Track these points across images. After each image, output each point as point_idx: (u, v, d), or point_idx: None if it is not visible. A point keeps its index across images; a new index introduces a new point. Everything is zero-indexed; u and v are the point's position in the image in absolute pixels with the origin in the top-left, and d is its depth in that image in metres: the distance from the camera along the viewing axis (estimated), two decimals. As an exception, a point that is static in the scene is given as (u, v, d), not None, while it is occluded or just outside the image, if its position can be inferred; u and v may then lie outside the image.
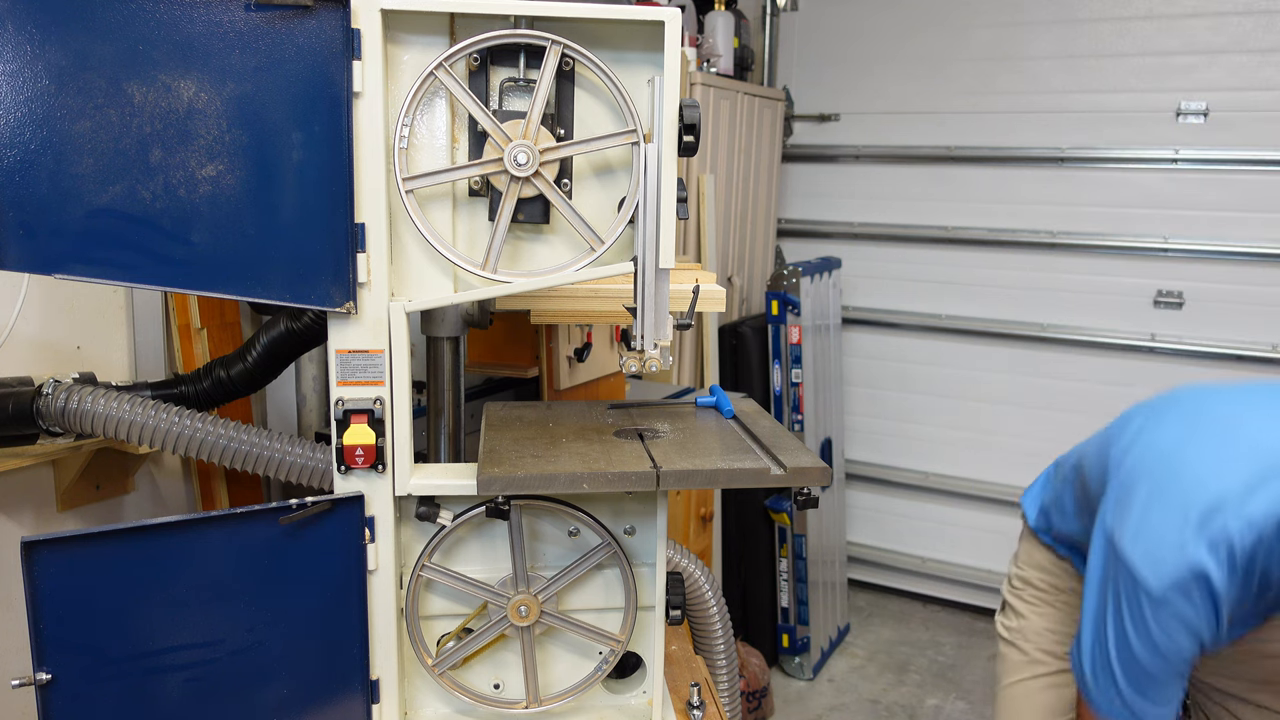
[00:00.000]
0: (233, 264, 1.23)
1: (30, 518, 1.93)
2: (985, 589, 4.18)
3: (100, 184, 1.18)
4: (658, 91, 1.22)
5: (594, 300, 1.81)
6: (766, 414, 1.59)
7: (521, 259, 1.33)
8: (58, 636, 1.20)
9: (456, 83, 1.21)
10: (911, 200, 4.15)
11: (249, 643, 1.30)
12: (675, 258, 1.27)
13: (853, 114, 4.25)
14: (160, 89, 1.18)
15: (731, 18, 3.81)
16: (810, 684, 3.69)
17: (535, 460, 1.30)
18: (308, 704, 1.34)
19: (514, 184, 1.24)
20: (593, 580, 1.42)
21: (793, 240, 4.43)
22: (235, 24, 1.17)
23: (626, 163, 1.29)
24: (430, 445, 1.57)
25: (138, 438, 1.52)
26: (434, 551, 1.36)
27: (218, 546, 1.27)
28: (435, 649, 1.40)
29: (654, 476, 1.26)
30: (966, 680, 3.71)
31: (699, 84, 3.39)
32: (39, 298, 1.92)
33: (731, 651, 1.91)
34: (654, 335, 1.29)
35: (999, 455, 4.04)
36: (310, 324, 1.75)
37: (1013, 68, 3.86)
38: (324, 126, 1.21)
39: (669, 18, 1.22)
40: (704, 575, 1.82)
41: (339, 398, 1.29)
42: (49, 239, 1.18)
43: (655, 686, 1.46)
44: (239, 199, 1.21)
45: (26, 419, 1.57)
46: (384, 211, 1.25)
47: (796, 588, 3.69)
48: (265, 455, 1.54)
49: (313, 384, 2.27)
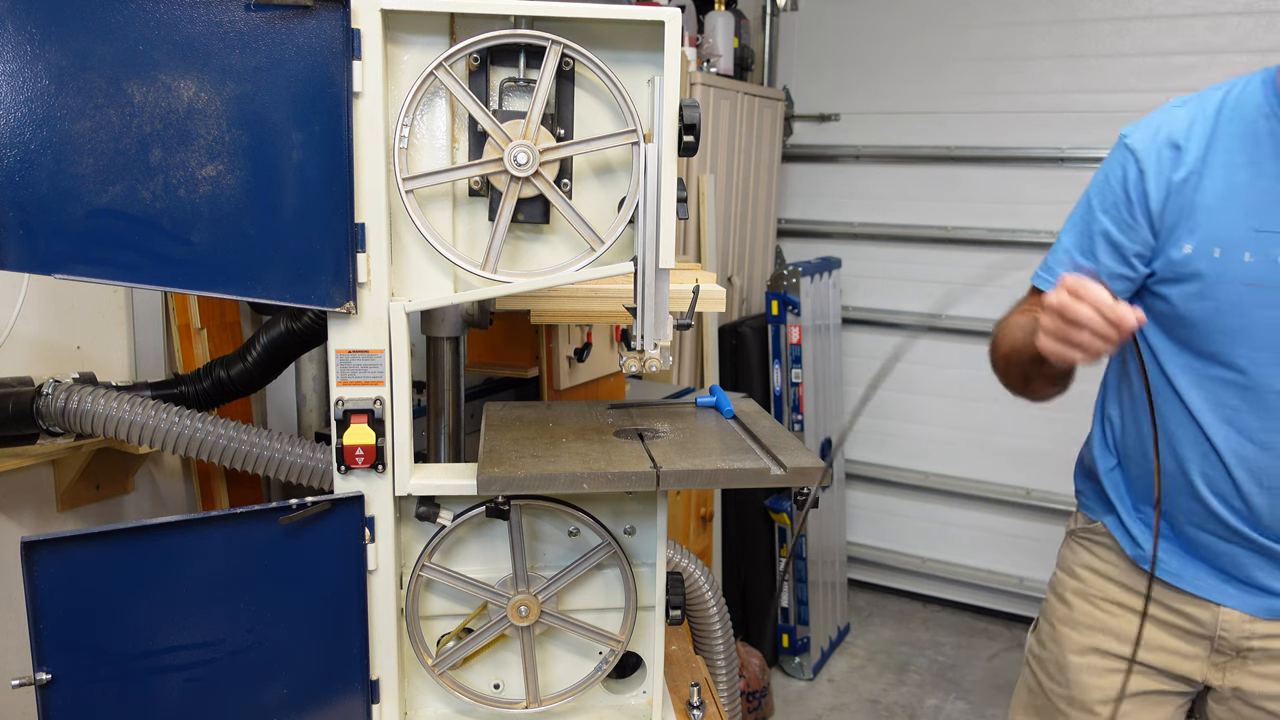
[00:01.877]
0: (233, 264, 1.23)
1: (30, 518, 1.93)
2: (985, 589, 4.18)
3: (100, 184, 1.18)
4: (658, 91, 1.22)
5: (594, 300, 1.81)
6: (766, 414, 1.59)
7: (521, 259, 1.33)
8: (58, 636, 1.20)
9: (456, 83, 1.21)
10: (911, 200, 4.15)
11: (249, 643, 1.30)
12: (675, 258, 1.27)
13: (853, 114, 4.25)
14: (160, 89, 1.18)
15: (731, 18, 3.81)
16: (810, 684, 3.69)
17: (535, 460, 1.30)
18: (308, 704, 1.34)
19: (514, 184, 1.24)
20: (593, 580, 1.42)
21: (793, 240, 4.42)
22: (235, 24, 1.17)
23: (626, 163, 1.29)
24: (430, 445, 1.57)
25: (138, 438, 1.52)
26: (434, 551, 1.36)
27: (218, 546, 1.27)
28: (435, 649, 1.40)
29: (654, 476, 1.26)
30: (966, 680, 3.71)
31: (699, 84, 3.39)
32: (39, 298, 1.92)
33: (731, 651, 1.91)
34: (654, 335, 1.29)
35: (999, 455, 4.04)
36: (310, 324, 1.75)
37: (1013, 68, 3.86)
38: (324, 126, 1.21)
39: (669, 18, 1.22)
40: (704, 575, 1.82)
41: (339, 398, 1.29)
42: (49, 239, 1.18)
43: (655, 686, 1.46)
44: (239, 199, 1.21)
45: (26, 419, 1.57)
46: (384, 211, 1.25)
47: (796, 588, 3.69)
48: (265, 455, 1.54)
49: (313, 384, 2.27)
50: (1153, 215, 1.41)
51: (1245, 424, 1.40)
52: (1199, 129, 1.39)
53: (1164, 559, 1.53)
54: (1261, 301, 1.35)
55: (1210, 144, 1.38)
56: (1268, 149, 1.34)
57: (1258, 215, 1.34)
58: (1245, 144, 1.36)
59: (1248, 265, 1.35)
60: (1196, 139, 1.39)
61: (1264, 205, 1.34)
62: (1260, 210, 1.34)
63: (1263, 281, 1.34)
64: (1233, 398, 1.41)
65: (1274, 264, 1.33)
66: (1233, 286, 1.36)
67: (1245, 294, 1.35)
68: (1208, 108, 1.40)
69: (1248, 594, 1.48)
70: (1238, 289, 1.35)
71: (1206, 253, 1.37)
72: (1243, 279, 1.35)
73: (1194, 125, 1.40)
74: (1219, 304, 1.37)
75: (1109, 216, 1.45)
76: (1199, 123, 1.40)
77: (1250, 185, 1.35)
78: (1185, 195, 1.38)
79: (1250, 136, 1.35)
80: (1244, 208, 1.35)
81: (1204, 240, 1.37)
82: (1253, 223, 1.34)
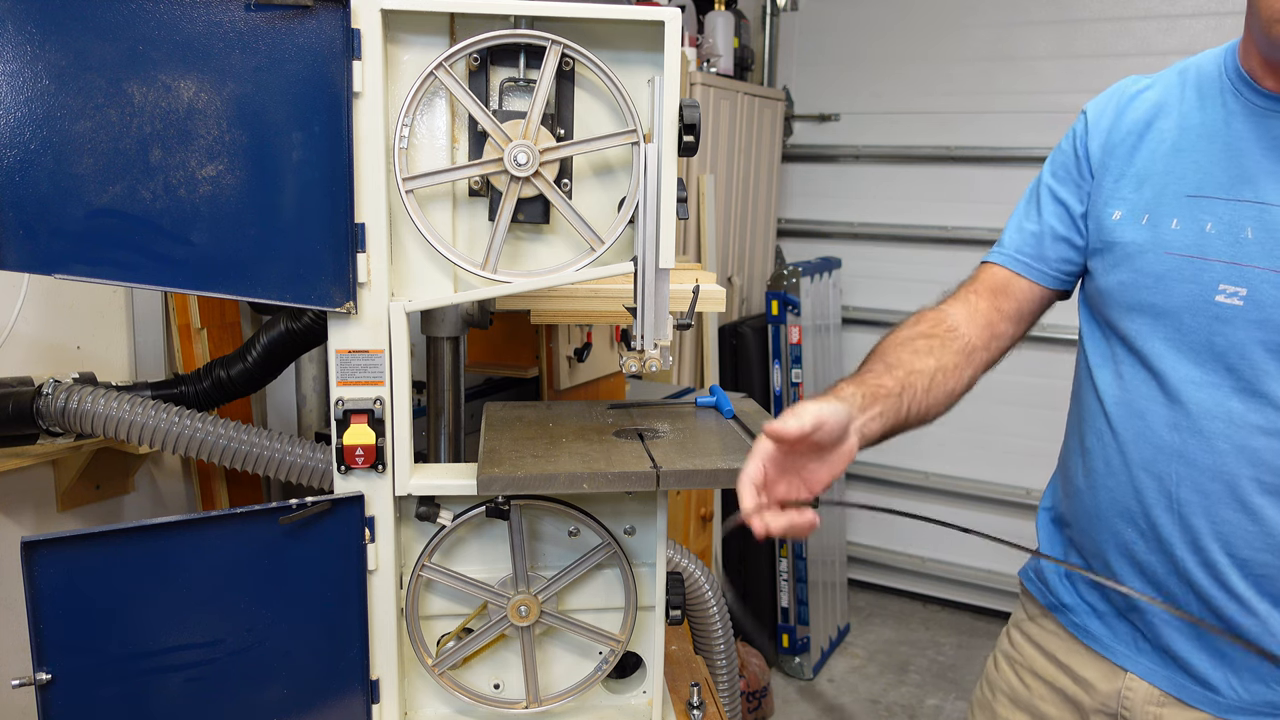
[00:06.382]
0: (233, 264, 1.23)
1: (30, 518, 1.93)
2: (985, 589, 4.19)
3: (100, 184, 1.18)
4: (658, 91, 1.22)
5: (594, 300, 1.81)
6: (767, 414, 1.59)
7: (521, 259, 1.33)
8: (58, 636, 1.20)
9: (456, 83, 1.21)
10: (911, 200, 4.15)
11: (249, 643, 1.30)
12: (675, 258, 1.26)
13: (853, 114, 4.25)
14: (160, 89, 1.18)
15: (731, 18, 3.81)
16: (810, 684, 3.69)
17: (535, 460, 1.30)
18: (308, 704, 1.34)
19: (514, 184, 1.24)
20: (593, 580, 1.42)
21: (793, 240, 4.43)
22: (235, 24, 1.17)
23: (626, 163, 1.29)
24: (430, 445, 1.57)
25: (138, 438, 1.52)
26: (434, 551, 1.36)
27: (218, 546, 1.27)
28: (435, 649, 1.40)
29: (654, 476, 1.26)
30: (966, 680, 3.71)
31: (699, 84, 3.39)
32: (39, 298, 1.92)
33: (731, 651, 1.91)
34: (654, 335, 1.29)
35: (999, 455, 4.04)
36: (310, 324, 1.75)
37: (1013, 68, 3.86)
38: (324, 126, 1.21)
39: (669, 18, 1.22)
40: (704, 575, 1.82)
41: (339, 398, 1.29)
42: (49, 239, 1.18)
43: (655, 686, 1.46)
44: (239, 199, 1.21)
45: (26, 419, 1.57)
46: (384, 211, 1.25)
47: (796, 588, 3.69)
48: (265, 455, 1.54)
49: (313, 384, 2.27)
50: (1094, 171, 1.33)
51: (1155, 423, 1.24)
52: (1152, 94, 1.31)
53: (1074, 610, 1.39)
54: (1184, 274, 1.21)
55: (1161, 107, 1.29)
56: (1216, 112, 1.24)
57: (1192, 180, 1.23)
58: (1197, 108, 1.26)
59: (1174, 233, 1.22)
60: (1147, 103, 1.31)
61: (1200, 168, 1.23)
62: (1195, 174, 1.23)
63: (1187, 250, 1.21)
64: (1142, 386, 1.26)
65: (1201, 231, 1.20)
66: (1157, 256, 1.23)
67: (1169, 265, 1.22)
68: (1170, 74, 1.32)
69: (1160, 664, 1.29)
70: (1161, 259, 1.23)
71: (1134, 218, 1.26)
72: (1167, 247, 1.23)
73: (1150, 89, 1.32)
74: (1139, 277, 1.25)
75: (1056, 177, 1.37)
76: (1156, 87, 1.31)
77: (1191, 147, 1.24)
78: (1123, 154, 1.30)
79: (1203, 99, 1.26)
80: (1179, 171, 1.24)
81: (1135, 204, 1.27)
82: (1186, 187, 1.23)
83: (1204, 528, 1.20)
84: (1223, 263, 1.18)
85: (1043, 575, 1.45)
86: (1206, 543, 1.20)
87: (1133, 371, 1.27)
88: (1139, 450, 1.25)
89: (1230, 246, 1.18)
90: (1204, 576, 1.21)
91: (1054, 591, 1.42)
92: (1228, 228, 1.18)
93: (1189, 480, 1.21)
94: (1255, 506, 1.17)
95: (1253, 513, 1.18)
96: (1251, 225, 1.17)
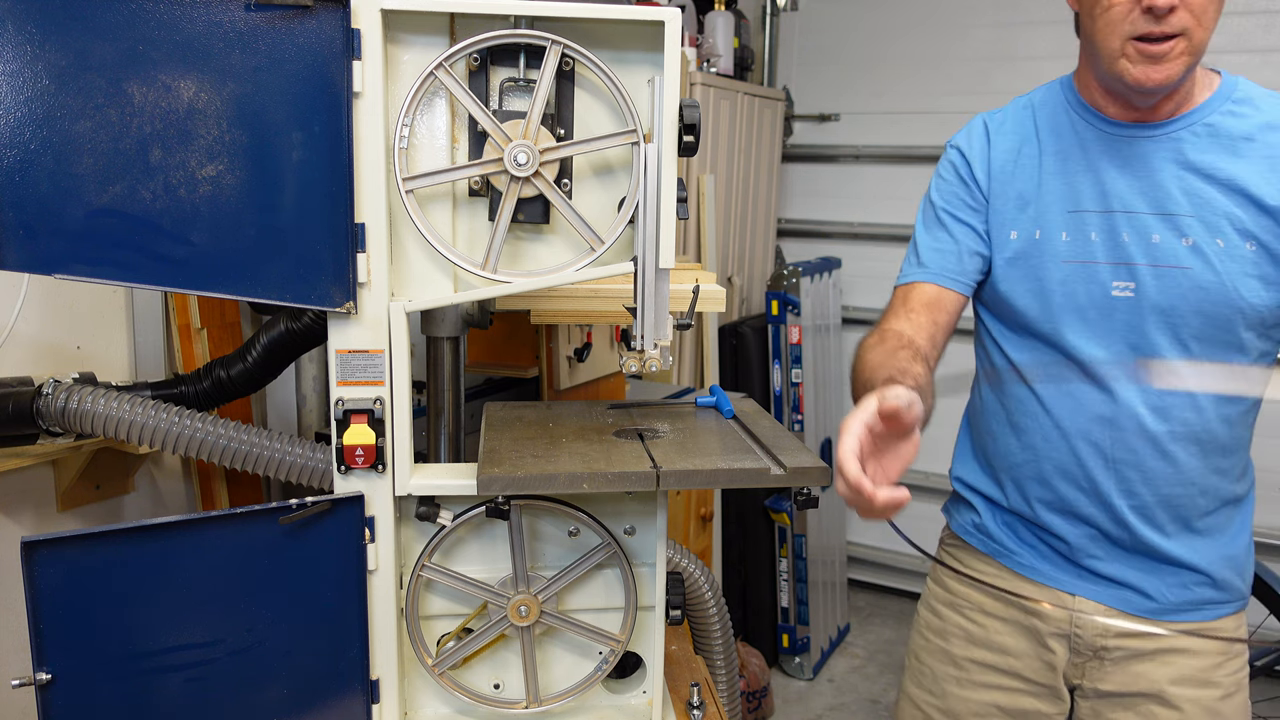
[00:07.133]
0: (232, 264, 1.23)
1: (30, 518, 1.93)
2: (985, 589, 4.17)
3: (100, 184, 1.18)
4: (658, 91, 1.22)
5: (594, 300, 1.81)
6: (766, 414, 1.59)
7: (521, 259, 1.33)
8: (58, 636, 1.20)
9: (456, 83, 1.22)
10: (912, 200, 4.11)
11: (249, 642, 1.30)
12: (675, 258, 1.27)
13: (853, 114, 4.25)
14: (160, 89, 1.18)
15: (731, 18, 3.81)
16: (810, 684, 3.69)
17: (535, 460, 1.30)
18: (308, 704, 1.34)
19: (514, 184, 1.24)
20: (593, 580, 1.42)
21: (793, 240, 4.42)
22: (235, 24, 1.17)
23: (626, 163, 1.29)
24: (430, 445, 1.57)
25: (138, 438, 1.52)
26: (434, 551, 1.36)
27: (218, 546, 1.27)
28: (435, 649, 1.40)
29: (654, 476, 1.26)
30: (966, 680, 3.70)
31: (699, 84, 3.39)
32: (39, 298, 1.92)
33: (731, 651, 1.91)
34: (654, 335, 1.29)
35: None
36: (310, 324, 1.75)
37: (1013, 68, 3.86)
38: (324, 126, 1.21)
39: (669, 18, 1.22)
40: (704, 575, 1.82)
41: (339, 398, 1.29)
42: (49, 239, 1.18)
43: (655, 686, 1.46)
44: (239, 199, 1.21)
45: (26, 419, 1.57)
46: (384, 211, 1.25)
47: (796, 588, 3.69)
48: (265, 455, 1.54)
49: (313, 384, 2.27)
50: (985, 195, 1.52)
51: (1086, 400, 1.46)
52: (1010, 125, 1.53)
53: (1020, 553, 1.59)
54: (1082, 277, 1.43)
55: (1024, 138, 1.51)
56: (1070, 139, 1.47)
57: (1069, 198, 1.45)
58: (1052, 137, 1.48)
59: (1065, 244, 1.45)
60: (1009, 134, 1.52)
61: (1073, 188, 1.45)
62: (1070, 193, 1.45)
63: (1079, 257, 1.44)
64: (1072, 376, 1.47)
65: (1088, 240, 1.43)
66: (1055, 265, 1.45)
67: (1067, 271, 1.44)
68: (1018, 108, 1.55)
69: (1103, 586, 1.52)
70: (1060, 267, 1.45)
71: (1029, 235, 1.48)
72: (1063, 257, 1.45)
73: (1005, 123, 1.54)
74: (1044, 284, 1.46)
75: (952, 205, 1.55)
76: (1010, 120, 1.54)
77: (1059, 171, 1.46)
78: (1004, 179, 1.51)
79: (1055, 129, 1.49)
80: (1057, 192, 1.46)
81: (1026, 224, 1.48)
82: (1065, 205, 1.45)
83: (1135, 476, 1.45)
84: (1110, 264, 1.42)
85: (984, 528, 1.64)
86: (1138, 488, 1.46)
87: (1055, 361, 1.49)
88: (1074, 422, 1.48)
89: (1114, 250, 1.42)
90: (1135, 517, 1.47)
91: (998, 540, 1.62)
92: (1108, 235, 1.42)
93: (1120, 441, 1.45)
94: (1172, 453, 1.43)
95: (1170, 458, 1.44)
96: (1126, 230, 1.41)
